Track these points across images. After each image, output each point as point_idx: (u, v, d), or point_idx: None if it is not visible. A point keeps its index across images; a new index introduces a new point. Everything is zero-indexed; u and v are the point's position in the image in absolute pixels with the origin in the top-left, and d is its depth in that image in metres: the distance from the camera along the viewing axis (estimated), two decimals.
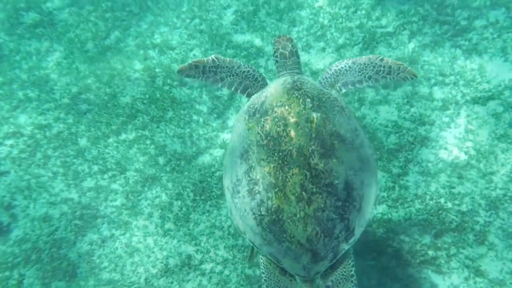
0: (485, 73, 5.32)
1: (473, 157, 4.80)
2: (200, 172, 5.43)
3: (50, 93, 6.10)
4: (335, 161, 2.67)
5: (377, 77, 3.31)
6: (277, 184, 2.63)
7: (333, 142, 2.72)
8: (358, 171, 2.77)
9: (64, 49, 6.62)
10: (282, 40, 3.47)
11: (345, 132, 2.82)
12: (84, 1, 7.17)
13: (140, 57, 6.41)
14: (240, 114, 3.15)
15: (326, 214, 2.61)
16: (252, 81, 3.41)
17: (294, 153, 2.64)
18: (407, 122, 5.28)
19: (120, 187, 5.38)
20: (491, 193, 4.51)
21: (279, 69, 3.46)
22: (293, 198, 2.60)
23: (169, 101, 5.96)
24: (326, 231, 2.63)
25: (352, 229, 2.74)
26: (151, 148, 5.62)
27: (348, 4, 6.44)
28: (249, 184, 2.75)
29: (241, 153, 2.89)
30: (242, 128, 2.98)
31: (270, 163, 2.68)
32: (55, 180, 5.39)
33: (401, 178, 4.90)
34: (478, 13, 5.72)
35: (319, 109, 2.80)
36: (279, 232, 2.65)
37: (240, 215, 2.85)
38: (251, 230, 2.79)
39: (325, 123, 2.75)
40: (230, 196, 2.95)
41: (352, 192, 2.70)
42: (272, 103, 2.88)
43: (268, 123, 2.79)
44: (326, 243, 2.65)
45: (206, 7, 6.91)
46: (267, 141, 2.74)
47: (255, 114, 2.92)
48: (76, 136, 5.68)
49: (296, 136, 2.68)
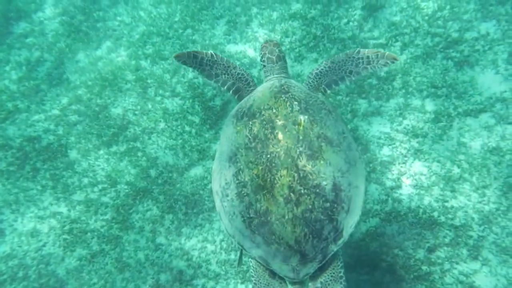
0: (476, 85, 5.34)
1: (465, 170, 4.80)
2: (192, 185, 5.37)
3: (40, 104, 6.02)
4: (323, 162, 2.69)
5: (358, 70, 3.34)
6: (266, 186, 2.65)
7: (321, 144, 2.75)
8: (346, 173, 2.78)
9: (54, 59, 6.54)
10: (269, 45, 3.49)
11: (332, 134, 2.85)
12: (76, 11, 7.10)
13: (132, 68, 6.35)
14: (229, 118, 3.16)
15: (315, 215, 2.62)
16: (245, 85, 3.44)
17: (282, 155, 2.67)
18: (400, 134, 5.27)
19: (111, 200, 5.30)
20: (484, 207, 4.50)
21: (267, 74, 3.48)
22: (281, 200, 2.61)
23: (161, 112, 5.91)
24: (314, 232, 2.63)
25: (340, 230, 2.73)
26: (142, 160, 5.55)
27: (340, 15, 6.45)
28: (237, 187, 2.76)
29: (229, 156, 2.90)
30: (230, 132, 3.01)
31: (258, 165, 2.69)
32: (44, 194, 5.29)
33: (394, 191, 4.88)
34: (469, 25, 5.76)
35: (306, 112, 2.83)
36: (267, 234, 2.65)
37: (229, 218, 2.85)
38: (240, 233, 2.80)
39: (312, 126, 2.79)
40: (219, 200, 2.95)
41: (340, 194, 2.72)
42: (259, 106, 2.91)
43: (256, 126, 2.82)
44: (315, 245, 2.65)
45: (199, 17, 6.88)
46: (255, 143, 2.77)
47: (243, 118, 2.95)
48: (66, 148, 5.60)
49: (284, 138, 2.71)
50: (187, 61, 3.36)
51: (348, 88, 5.75)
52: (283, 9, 6.77)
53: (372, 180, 5.01)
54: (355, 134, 5.39)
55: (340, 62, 3.34)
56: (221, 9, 6.95)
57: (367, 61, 3.31)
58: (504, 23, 5.58)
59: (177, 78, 6.23)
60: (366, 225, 4.74)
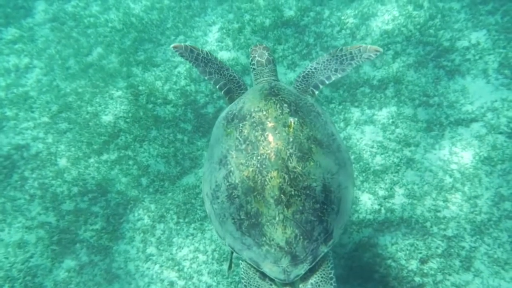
0: (468, 94, 5.37)
1: (457, 180, 4.81)
2: (184, 194, 5.31)
3: (29, 112, 5.92)
4: (313, 164, 2.70)
5: (343, 67, 3.37)
6: (256, 188, 2.64)
7: (311, 146, 2.75)
8: (335, 175, 2.80)
9: (44, 65, 6.45)
10: (259, 48, 3.52)
11: (322, 136, 2.87)
12: (66, 16, 7.02)
13: (123, 75, 6.28)
14: (218, 121, 3.16)
15: (305, 217, 2.63)
16: (236, 87, 3.46)
17: (272, 157, 2.66)
18: (393, 143, 5.27)
19: (101, 210, 5.22)
20: (476, 217, 4.50)
21: (256, 77, 3.49)
22: (272, 201, 2.61)
23: (152, 119, 5.85)
24: (305, 233, 2.64)
25: (330, 231, 2.74)
26: (133, 169, 5.49)
27: (333, 23, 6.46)
28: (228, 189, 2.75)
29: (219, 158, 2.90)
30: (220, 134, 3.01)
31: (249, 167, 2.69)
32: (32, 203, 5.19)
33: (387, 201, 4.87)
34: (460, 34, 5.80)
35: (296, 114, 2.83)
36: (258, 235, 2.66)
37: (219, 221, 2.86)
38: (231, 235, 2.80)
39: (302, 128, 2.79)
40: (209, 202, 2.94)
41: (330, 195, 2.73)
42: (250, 108, 2.91)
43: (246, 128, 2.81)
44: (305, 246, 2.66)
45: (191, 24, 6.85)
46: (245, 145, 2.76)
47: (233, 120, 2.95)
48: (55, 157, 5.50)
49: (274, 140, 2.71)
50: (183, 53, 3.38)
51: (341, 97, 5.75)
52: (276, 16, 6.76)
53: (365, 190, 5.00)
54: (348, 142, 5.38)
55: (325, 62, 3.40)
56: (213, 16, 6.93)
57: (350, 57, 3.35)
58: (494, 33, 5.63)
59: (169, 85, 6.18)
60: (359, 236, 4.72)
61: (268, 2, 6.92)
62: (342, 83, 5.84)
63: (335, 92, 5.82)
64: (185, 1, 7.11)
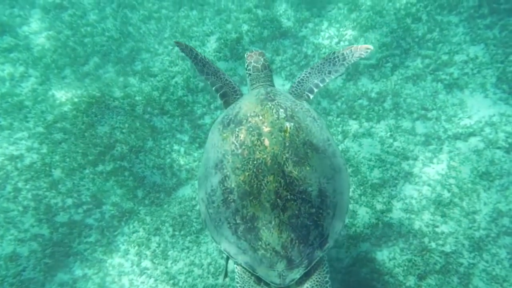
0: (466, 108, 5.36)
1: (456, 195, 4.78)
2: (180, 206, 5.25)
3: (24, 122, 5.84)
4: (309, 169, 2.71)
5: (336, 68, 3.47)
6: (252, 192, 2.65)
7: (306, 151, 2.77)
8: (331, 180, 2.82)
9: (40, 74, 6.39)
10: (255, 54, 3.58)
11: (317, 141, 2.88)
12: (63, 25, 6.97)
13: (120, 85, 6.23)
14: (214, 126, 3.17)
15: (301, 221, 2.64)
16: (232, 91, 3.52)
17: (268, 161, 2.68)
18: (391, 156, 5.25)
19: (95, 222, 5.14)
20: (475, 233, 4.47)
21: (252, 82, 3.53)
22: (268, 206, 2.62)
23: (149, 130, 5.80)
24: (300, 238, 2.65)
25: (326, 236, 2.76)
26: (129, 180, 5.42)
27: (331, 35, 6.46)
28: (224, 194, 2.76)
29: (215, 163, 2.90)
30: (216, 139, 3.01)
31: (245, 172, 2.70)
32: (25, 215, 5.10)
33: (385, 215, 4.83)
34: (458, 48, 5.80)
35: (292, 119, 2.86)
36: (254, 240, 2.66)
37: (214, 225, 2.85)
38: (226, 239, 2.79)
39: (298, 133, 2.81)
40: (205, 207, 2.94)
41: (326, 200, 2.75)
42: (246, 113, 2.93)
43: (242, 132, 2.83)
44: (301, 250, 2.66)
45: (189, 34, 6.83)
46: (241, 150, 2.77)
47: (230, 125, 2.96)
48: (50, 167, 5.43)
49: (270, 145, 2.73)
50: (184, 50, 3.51)
51: (339, 109, 5.73)
52: (274, 27, 6.76)
53: (363, 203, 4.96)
54: (345, 155, 5.35)
55: (318, 66, 3.51)
56: (211, 26, 6.91)
57: (342, 58, 3.45)
58: (492, 47, 5.64)
59: (166, 96, 6.13)
60: (356, 250, 4.67)
61: (267, 13, 6.91)
62: (340, 95, 5.83)
63: (333, 104, 5.80)
64: (183, 10, 7.09)
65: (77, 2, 7.32)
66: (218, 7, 7.09)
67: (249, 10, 6.98)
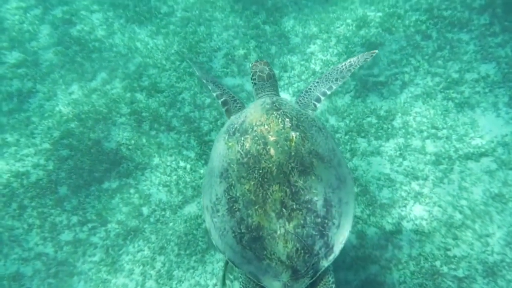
0: (477, 128, 5.27)
1: (468, 217, 4.66)
2: (185, 224, 5.18)
3: (30, 138, 5.83)
4: (314, 178, 2.72)
5: (342, 74, 3.61)
6: (257, 201, 2.65)
7: (312, 160, 2.77)
8: (336, 189, 2.82)
9: (47, 90, 6.39)
10: (260, 64, 3.61)
11: (323, 151, 2.89)
12: (71, 41, 7.00)
13: (127, 100, 6.22)
14: (220, 134, 3.19)
15: (306, 231, 2.63)
16: (232, 100, 3.59)
17: (274, 171, 2.68)
18: (400, 176, 5.15)
19: (100, 240, 5.08)
20: (488, 257, 4.34)
21: (258, 91, 3.57)
22: (273, 215, 2.61)
23: (155, 147, 5.76)
24: (306, 248, 2.64)
25: (331, 246, 2.74)
26: (135, 198, 5.37)
27: (340, 52, 6.42)
28: (228, 203, 2.76)
29: (220, 172, 2.90)
30: (221, 148, 3.01)
31: (250, 181, 2.70)
32: (30, 233, 5.06)
33: (395, 236, 4.72)
34: (469, 66, 5.72)
35: (297, 129, 2.88)
36: (259, 249, 2.65)
37: (219, 234, 2.84)
38: (231, 249, 2.78)
39: (304, 142, 2.83)
40: (209, 216, 2.94)
41: (331, 209, 2.74)
42: (252, 122, 2.95)
43: (248, 141, 2.84)
44: (306, 260, 2.65)
45: (196, 49, 6.82)
46: (247, 159, 2.77)
47: (235, 134, 2.97)
48: (55, 184, 5.39)
49: (276, 154, 2.73)
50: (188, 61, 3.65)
51: (347, 127, 5.66)
52: (282, 43, 6.74)
53: (372, 224, 4.86)
54: (354, 174, 5.26)
55: (326, 75, 3.63)
56: (219, 42, 6.91)
57: (349, 64, 3.59)
58: (504, 66, 5.56)
59: (173, 112, 6.11)
60: (365, 272, 4.56)
61: (274, 29, 6.90)
62: (348, 113, 5.76)
63: (341, 122, 5.73)
64: (190, 26, 7.10)
65: (85, 17, 7.37)
66: (226, 23, 7.09)
67: (257, 26, 6.98)
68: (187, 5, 7.37)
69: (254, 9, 7.22)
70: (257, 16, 7.14)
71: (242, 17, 7.15)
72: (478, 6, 6.19)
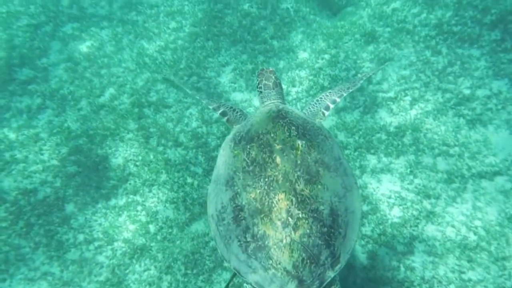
0: (490, 145, 5.15)
1: (483, 238, 4.53)
2: (193, 242, 5.11)
3: (39, 154, 5.84)
4: (320, 187, 2.71)
5: (354, 83, 3.68)
6: (263, 210, 2.63)
7: (318, 169, 2.78)
8: (342, 198, 2.80)
9: (56, 106, 6.42)
10: (266, 72, 3.64)
11: (329, 159, 2.89)
12: (80, 57, 7.05)
13: (135, 116, 6.21)
14: (226, 142, 3.18)
15: (312, 240, 2.60)
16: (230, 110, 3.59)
17: (280, 179, 2.68)
18: (411, 194, 5.05)
19: (106, 259, 5.02)
20: (506, 282, 4.20)
21: (264, 100, 3.57)
22: (279, 224, 2.59)
23: (163, 162, 5.73)
24: (312, 257, 2.60)
25: (337, 256, 2.69)
26: (142, 215, 5.32)
27: (348, 67, 6.37)
28: (234, 211, 2.75)
29: (226, 180, 2.89)
30: (227, 156, 3.01)
31: (256, 189, 2.70)
32: (36, 252, 5.02)
33: (407, 258, 4.60)
34: (480, 82, 5.63)
35: (304, 137, 2.88)
36: (265, 259, 2.61)
37: (224, 242, 2.81)
38: (236, 257, 2.73)
39: (310, 151, 2.83)
40: (215, 224, 2.91)
41: (337, 219, 2.72)
42: (258, 130, 2.96)
43: (254, 149, 2.84)
44: (312, 270, 2.60)
45: (204, 64, 6.82)
46: (253, 167, 2.78)
47: (241, 142, 2.98)
48: (62, 202, 5.37)
49: (282, 162, 2.73)
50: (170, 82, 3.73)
51: (357, 143, 5.58)
52: (290, 58, 6.72)
53: (382, 244, 4.74)
54: (363, 192, 5.17)
55: (339, 86, 3.70)
56: (227, 57, 6.91)
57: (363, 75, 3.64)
58: None
59: (180, 127, 6.09)
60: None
61: (282, 44, 6.89)
62: (357, 129, 5.69)
63: (350, 138, 5.66)
64: (199, 41, 7.12)
65: (95, 33, 7.43)
66: (234, 38, 7.09)
67: (265, 40, 6.98)
68: (196, 21, 7.40)
69: (262, 24, 7.23)
70: (265, 31, 7.14)
71: (250, 31, 7.16)
72: (489, 21, 6.12)
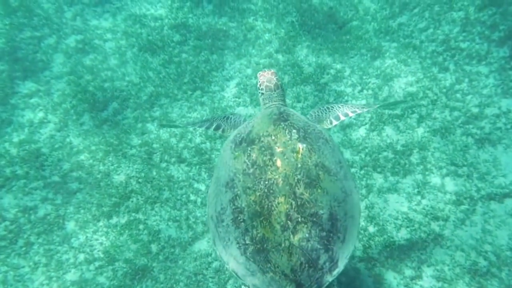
0: (500, 166, 5.05)
1: (493, 264, 4.41)
2: (195, 262, 5.01)
3: (40, 170, 5.76)
4: (320, 191, 2.70)
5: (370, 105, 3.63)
6: (263, 213, 2.63)
7: (318, 173, 2.77)
8: (342, 203, 2.80)
9: (58, 120, 6.35)
10: (267, 74, 3.63)
11: (329, 163, 2.88)
12: (84, 70, 7.00)
13: (138, 132, 6.14)
14: (226, 144, 3.17)
15: (311, 244, 2.60)
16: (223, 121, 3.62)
17: (280, 182, 2.67)
18: (419, 215, 4.94)
19: (107, 280, 4.92)
20: None
21: (265, 101, 3.58)
22: (278, 227, 2.59)
23: (165, 179, 5.64)
24: (310, 261, 2.61)
25: (336, 260, 2.70)
26: (143, 234, 5.22)
27: (354, 83, 6.29)
28: (233, 213, 2.75)
29: (226, 181, 2.89)
30: (228, 157, 3.01)
31: (256, 191, 2.69)
32: (36, 272, 4.92)
33: (415, 282, 4.48)
34: (489, 100, 5.54)
35: (304, 140, 2.88)
36: (263, 262, 2.62)
37: (223, 244, 2.82)
38: (235, 260, 2.75)
39: (311, 154, 2.82)
40: (214, 225, 2.92)
41: (336, 223, 2.72)
42: (258, 133, 2.95)
43: (254, 152, 2.84)
44: (311, 274, 2.61)
45: (209, 79, 6.75)
46: (253, 169, 2.77)
47: (242, 143, 2.97)
48: (63, 220, 5.28)
49: (282, 166, 2.73)
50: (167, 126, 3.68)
51: (363, 161, 5.48)
52: (295, 72, 6.64)
53: (390, 267, 4.63)
54: (370, 212, 5.06)
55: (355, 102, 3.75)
56: (231, 71, 6.84)
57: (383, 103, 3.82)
58: None
59: (184, 143, 6.01)
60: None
61: (288, 58, 6.82)
62: (363, 146, 5.59)
63: (356, 156, 5.56)
64: (203, 55, 7.06)
65: (98, 46, 7.38)
66: (239, 52, 7.03)
67: (269, 55, 6.91)
68: (200, 34, 7.34)
69: (267, 38, 7.17)
70: (270, 44, 7.07)
71: (255, 46, 7.10)
72: (497, 38, 6.04)
